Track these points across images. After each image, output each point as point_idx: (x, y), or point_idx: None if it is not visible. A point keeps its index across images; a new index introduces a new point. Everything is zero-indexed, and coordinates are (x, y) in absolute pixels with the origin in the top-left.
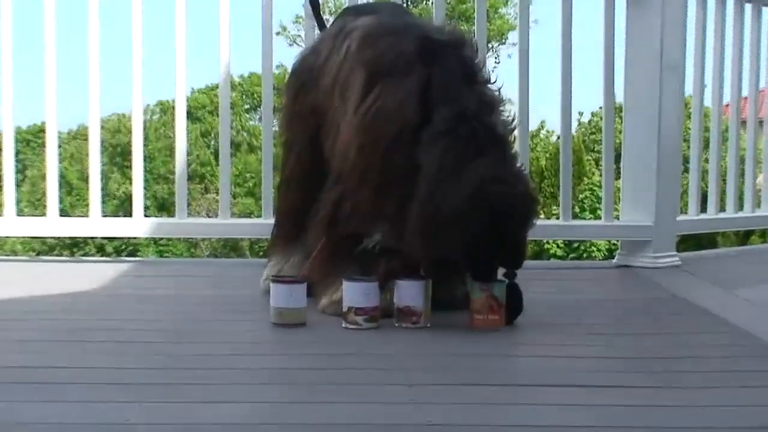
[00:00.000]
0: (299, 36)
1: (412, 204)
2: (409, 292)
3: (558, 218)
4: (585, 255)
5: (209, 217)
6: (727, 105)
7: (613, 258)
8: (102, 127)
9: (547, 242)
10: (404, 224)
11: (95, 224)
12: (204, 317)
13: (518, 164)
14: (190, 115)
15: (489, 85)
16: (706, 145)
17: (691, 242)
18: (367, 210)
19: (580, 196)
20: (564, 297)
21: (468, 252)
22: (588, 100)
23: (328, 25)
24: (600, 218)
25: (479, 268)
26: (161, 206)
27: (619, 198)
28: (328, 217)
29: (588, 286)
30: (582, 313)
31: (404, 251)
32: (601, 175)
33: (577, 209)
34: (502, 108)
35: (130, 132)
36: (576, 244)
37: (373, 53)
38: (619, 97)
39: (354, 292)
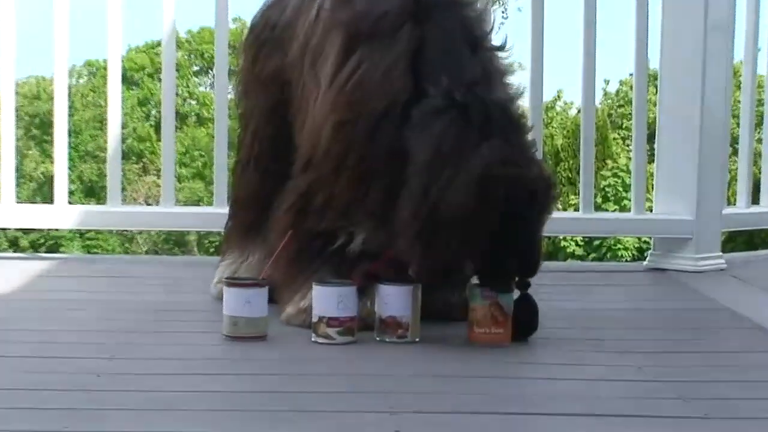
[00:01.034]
0: None
1: (402, 200)
2: (394, 299)
3: (577, 210)
4: (609, 255)
5: (148, 204)
6: None
7: (644, 259)
8: (17, 93)
9: (564, 239)
10: (392, 223)
11: (7, 212)
12: (142, 328)
13: (534, 150)
14: (126, 79)
15: (497, 52)
16: (759, 122)
17: (739, 241)
18: (344, 204)
19: (605, 183)
20: (584, 306)
21: (478, 258)
22: (615, 66)
23: None
24: (628, 210)
25: (495, 274)
26: (89, 191)
27: (652, 186)
28: (295, 209)
29: (613, 294)
30: (606, 327)
31: (394, 256)
32: (630, 158)
33: (600, 199)
34: (511, 78)
35: (51, 99)
36: (599, 242)
37: (353, 11)
38: (654, 63)
39: (326, 299)
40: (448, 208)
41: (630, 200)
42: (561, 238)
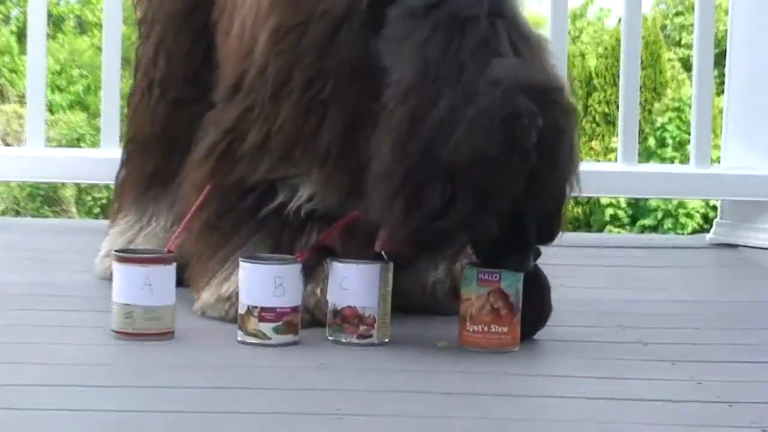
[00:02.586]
0: None
1: (376, 139)
2: (355, 283)
3: (616, 160)
4: (662, 225)
5: (7, 145)
6: None
7: (709, 230)
8: None
9: (597, 202)
10: (356, 173)
11: None
12: None
13: (554, 68)
14: None
15: None
16: None
17: None
18: (285, 145)
19: (657, 121)
20: (622, 296)
21: (488, 225)
22: None
23: None
24: (687, 161)
25: (503, 245)
26: None
27: (721, 127)
28: (217, 153)
29: (663, 279)
30: (652, 325)
31: (357, 221)
32: (691, 86)
33: (651, 143)
34: None
35: None
36: (646, 205)
37: None
38: None
39: (258, 282)
40: (455, 155)
41: (691, 147)
42: (594, 201)
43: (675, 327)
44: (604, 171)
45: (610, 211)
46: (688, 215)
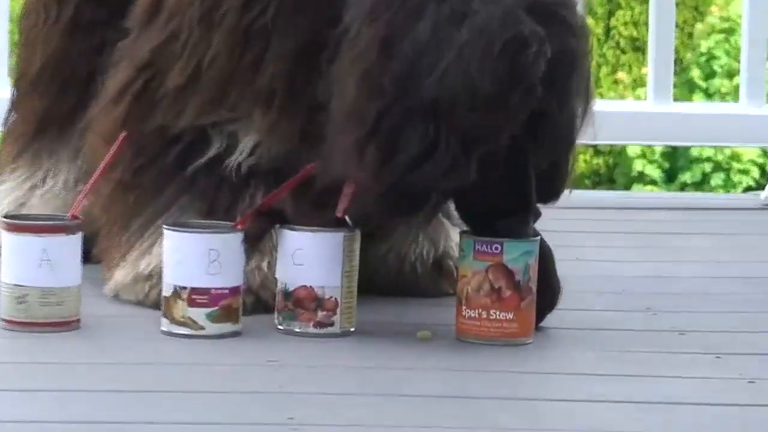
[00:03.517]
0: None
1: (336, 71)
2: (311, 257)
3: (646, 98)
4: (707, 182)
5: None
6: None
7: (764, 187)
8: None
9: (623, 151)
10: (309, 115)
11: None
12: None
13: None
14: None
15: None
16: None
17: None
18: (219, 80)
19: (701, 46)
20: (655, 272)
21: (491, 178)
22: None
23: None
24: (737, 100)
25: (502, 205)
26: None
27: None
28: (131, 94)
29: (707, 250)
30: (692, 309)
31: (314, 177)
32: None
33: (693, 75)
34: None
35: None
36: (686, 156)
37: None
38: None
39: (187, 255)
40: (441, 90)
41: (741, 81)
42: (619, 151)
43: (719, 311)
44: (630, 112)
45: (639, 163)
46: (743, 171)
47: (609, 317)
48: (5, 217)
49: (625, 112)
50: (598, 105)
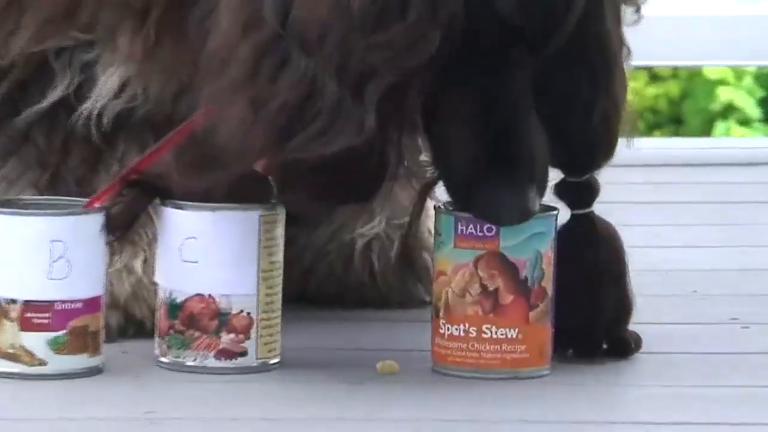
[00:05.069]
0: None
1: None
2: (211, 250)
3: None
4: None
5: None
6: None
7: None
8: None
9: (694, 76)
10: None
11: None
12: None
13: None
14: None
15: None
16: None
17: None
18: None
19: None
20: (748, 264)
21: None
22: None
23: None
24: None
25: (498, 163)
26: None
27: None
28: None
29: None
30: None
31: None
32: None
33: None
34: None
35: None
36: None
37: None
38: None
39: (17, 249)
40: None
41: None
42: (693, 69)
43: None
44: (710, 17)
45: (724, 94)
46: None
47: (675, 333)
48: None
49: (702, 16)
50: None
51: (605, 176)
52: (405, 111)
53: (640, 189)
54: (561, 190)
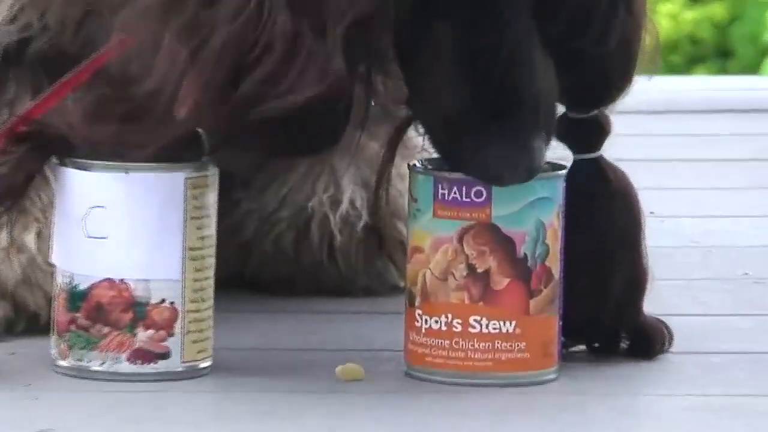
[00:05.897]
0: None
1: None
2: (124, 223)
3: None
4: None
5: None
6: None
7: None
8: None
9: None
10: None
11: None
12: None
13: None
14: None
15: None
16: None
17: None
18: None
19: None
20: None
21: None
22: None
23: None
24: None
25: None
26: None
27: None
28: None
29: None
30: None
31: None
32: None
33: None
34: None
35: None
36: None
37: None
38: None
39: None
40: None
41: None
42: None
43: None
44: None
45: None
46: None
47: (720, 327)
48: None
49: None
50: None
51: (627, 125)
52: (376, 44)
53: (673, 142)
54: (562, 130)
